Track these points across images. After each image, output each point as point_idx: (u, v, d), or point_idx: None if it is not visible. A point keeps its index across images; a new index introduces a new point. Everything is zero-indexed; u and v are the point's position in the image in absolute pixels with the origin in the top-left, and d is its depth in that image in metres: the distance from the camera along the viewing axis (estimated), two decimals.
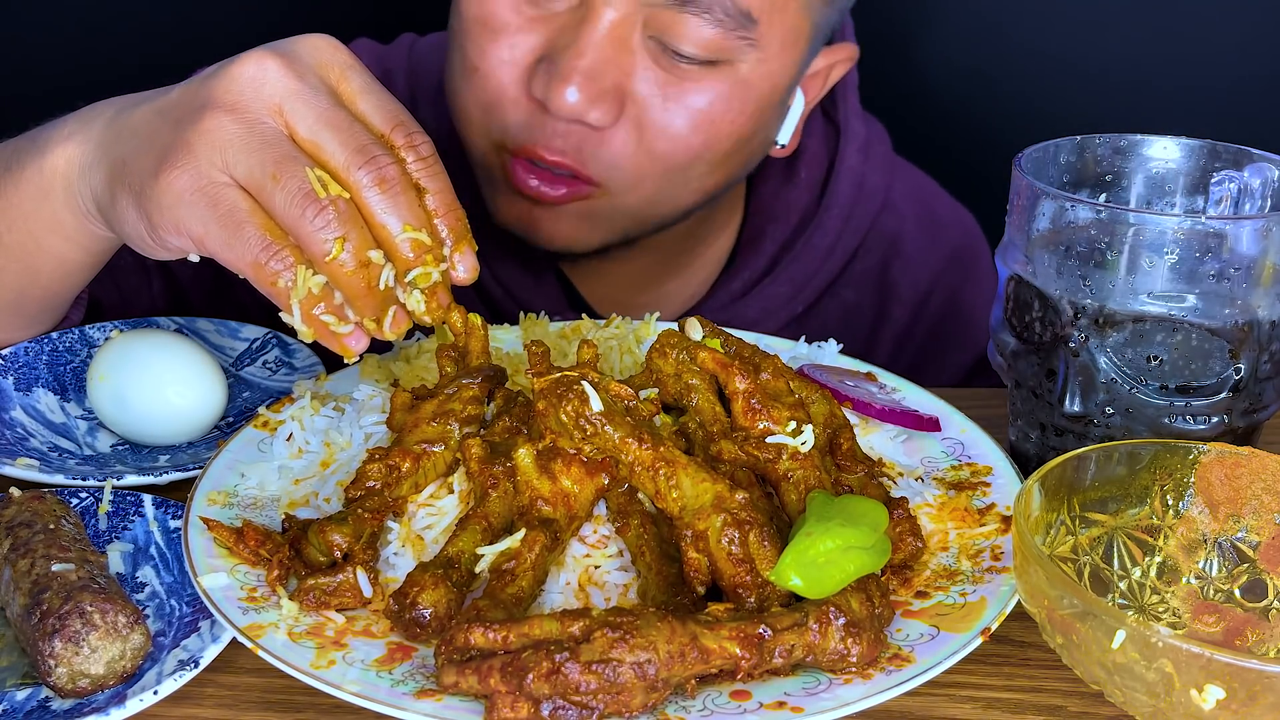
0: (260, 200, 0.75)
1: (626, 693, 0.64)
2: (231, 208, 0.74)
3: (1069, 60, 1.66)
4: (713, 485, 0.74)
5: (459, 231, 0.79)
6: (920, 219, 1.36)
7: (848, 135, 1.30)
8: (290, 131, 0.76)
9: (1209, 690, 0.62)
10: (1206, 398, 0.84)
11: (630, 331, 1.02)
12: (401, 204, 0.75)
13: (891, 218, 1.33)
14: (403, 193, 0.76)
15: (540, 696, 0.63)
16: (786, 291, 1.29)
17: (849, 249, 1.30)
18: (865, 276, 1.34)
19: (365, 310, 0.76)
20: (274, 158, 0.74)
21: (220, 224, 0.74)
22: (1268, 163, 0.89)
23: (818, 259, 1.29)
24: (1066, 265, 0.84)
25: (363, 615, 0.73)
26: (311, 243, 0.74)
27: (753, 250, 1.30)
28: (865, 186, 1.31)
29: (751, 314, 1.29)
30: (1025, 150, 0.90)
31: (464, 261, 0.79)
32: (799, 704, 0.66)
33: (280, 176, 0.74)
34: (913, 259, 1.34)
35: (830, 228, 1.29)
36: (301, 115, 0.76)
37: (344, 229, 0.74)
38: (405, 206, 0.76)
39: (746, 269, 1.30)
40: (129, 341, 0.97)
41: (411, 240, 0.76)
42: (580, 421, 0.76)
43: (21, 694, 0.72)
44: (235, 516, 0.81)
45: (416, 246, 0.76)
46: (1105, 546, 0.79)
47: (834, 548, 0.70)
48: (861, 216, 1.30)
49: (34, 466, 0.91)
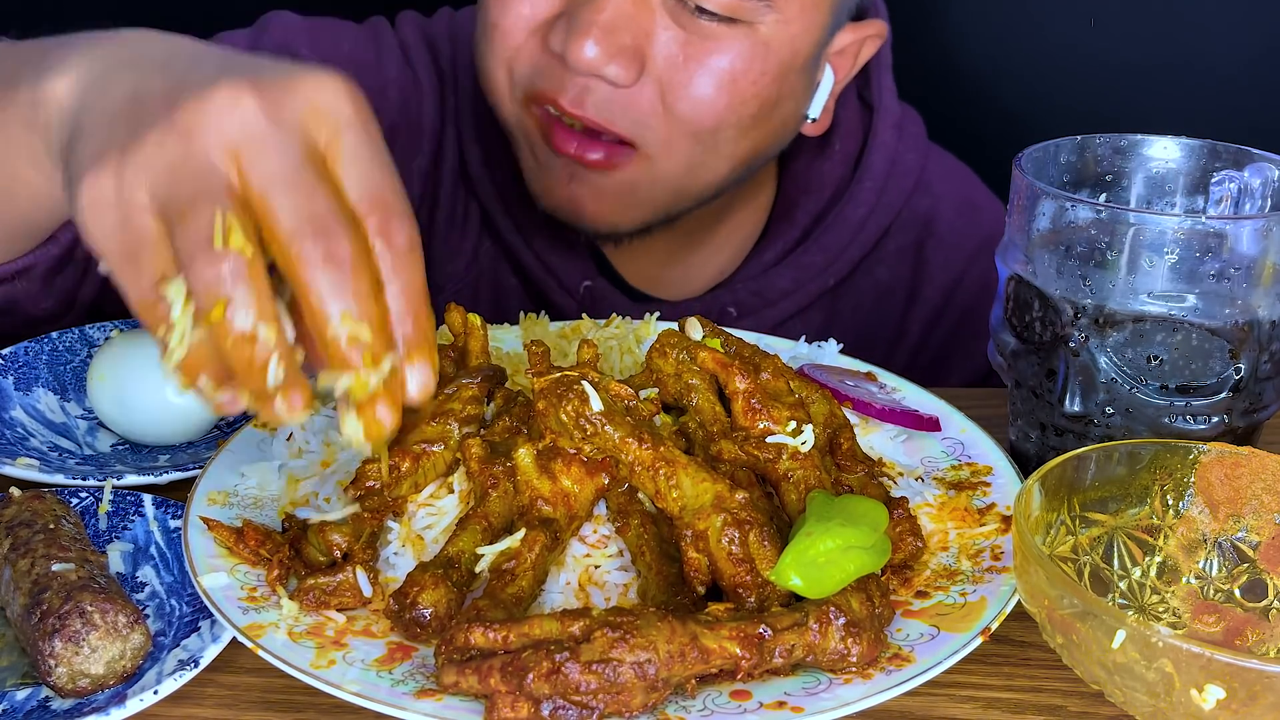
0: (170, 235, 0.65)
1: (626, 692, 0.64)
2: (137, 233, 0.65)
3: (1069, 60, 1.66)
4: (713, 485, 0.74)
5: (417, 339, 0.67)
6: (956, 201, 1.36)
7: (881, 112, 1.31)
8: (242, 179, 0.65)
9: (1209, 690, 0.62)
10: (1206, 398, 0.84)
11: (630, 331, 1.02)
12: (346, 289, 0.64)
13: (926, 198, 1.34)
14: (352, 277, 0.64)
15: (540, 696, 0.63)
16: (819, 262, 1.30)
17: (882, 224, 1.31)
18: (899, 255, 1.34)
19: (247, 384, 0.65)
20: (194, 192, 0.64)
21: (121, 246, 0.66)
22: (1268, 163, 0.89)
23: (850, 231, 1.30)
24: (1067, 265, 0.84)
25: (363, 615, 0.73)
26: (193, 293, 0.64)
27: (786, 220, 1.31)
28: (899, 163, 1.31)
29: (784, 283, 1.30)
30: (1025, 150, 0.90)
31: (416, 375, 0.67)
32: (799, 704, 0.66)
33: (188, 214, 0.64)
34: (947, 240, 1.34)
35: (864, 200, 1.29)
36: (257, 165, 0.65)
37: (231, 290, 0.63)
38: (351, 293, 0.64)
39: (780, 239, 1.31)
40: (129, 341, 0.97)
41: (349, 334, 0.64)
42: (580, 421, 0.76)
43: (21, 694, 0.72)
44: (235, 516, 0.81)
45: (352, 342, 0.64)
46: (1105, 546, 0.78)
47: (834, 547, 0.70)
48: (895, 193, 1.31)
49: (34, 466, 0.91)
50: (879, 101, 1.31)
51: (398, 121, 1.26)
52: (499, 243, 1.29)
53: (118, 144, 0.67)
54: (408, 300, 0.67)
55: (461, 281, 1.30)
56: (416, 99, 1.27)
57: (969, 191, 1.38)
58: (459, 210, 1.29)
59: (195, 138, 0.65)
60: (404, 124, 1.26)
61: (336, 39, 1.26)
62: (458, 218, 1.29)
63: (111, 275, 0.67)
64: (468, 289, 1.30)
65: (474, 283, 1.30)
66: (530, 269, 1.27)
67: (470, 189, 1.28)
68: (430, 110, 1.27)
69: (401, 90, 1.26)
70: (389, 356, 0.66)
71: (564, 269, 1.27)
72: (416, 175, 1.27)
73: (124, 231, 0.65)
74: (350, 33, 1.27)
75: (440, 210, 1.28)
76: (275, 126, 0.66)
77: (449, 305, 0.90)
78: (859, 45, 1.22)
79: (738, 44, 1.08)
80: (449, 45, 1.29)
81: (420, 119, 1.27)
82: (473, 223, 1.29)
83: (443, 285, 1.30)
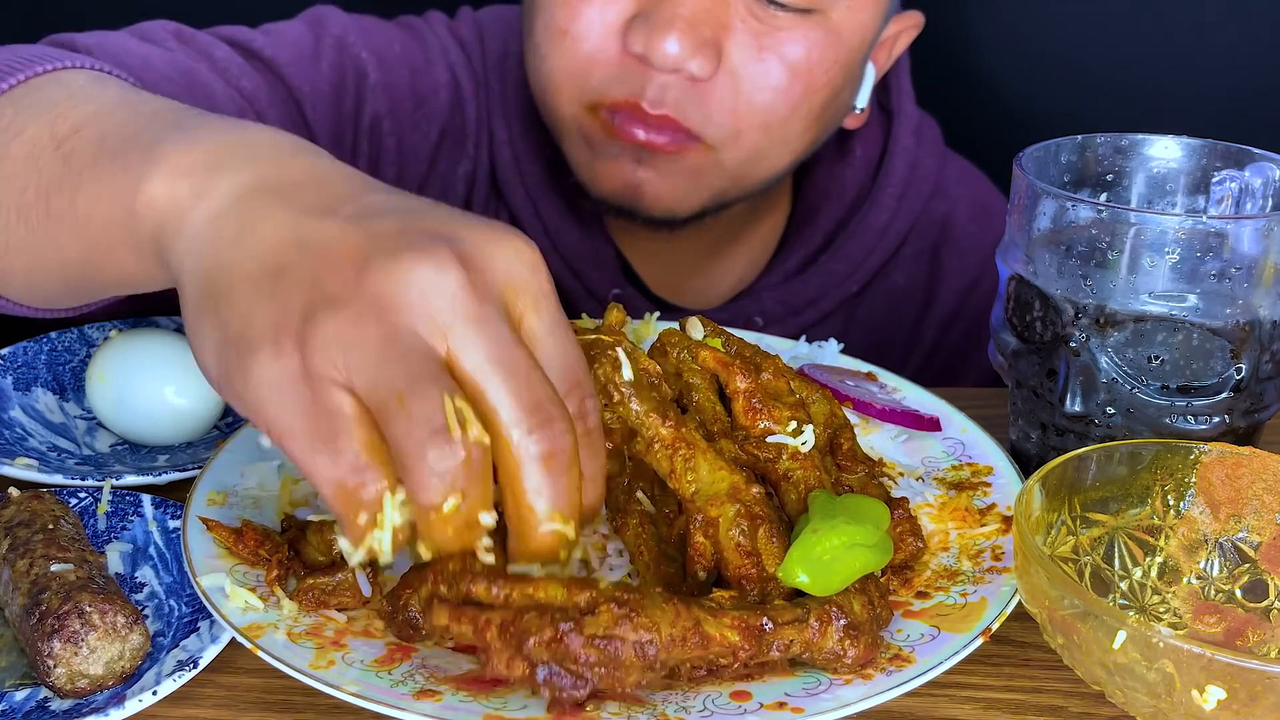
0: (376, 417, 0.59)
1: (623, 670, 0.63)
2: (336, 415, 0.59)
3: (1069, 60, 1.66)
4: (729, 475, 0.74)
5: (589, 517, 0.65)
6: (971, 205, 1.36)
7: (901, 117, 1.31)
8: (450, 360, 0.60)
9: (1210, 691, 0.62)
10: (1207, 398, 0.84)
11: (631, 330, 1.02)
12: (561, 488, 0.61)
13: (943, 202, 1.34)
14: (565, 473, 0.61)
15: (538, 661, 0.62)
16: (843, 269, 1.30)
17: (902, 230, 1.31)
18: (915, 260, 1.34)
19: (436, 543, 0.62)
20: (410, 375, 0.58)
21: (312, 426, 0.59)
22: (1269, 162, 0.89)
23: (873, 237, 1.30)
24: (1067, 265, 0.84)
25: (362, 615, 0.73)
26: (420, 487, 0.58)
27: (808, 227, 1.31)
28: (918, 169, 1.31)
29: (810, 291, 1.30)
30: (1026, 150, 0.90)
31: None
32: (799, 704, 0.66)
33: (410, 398, 0.58)
34: (962, 244, 1.35)
35: (885, 206, 1.29)
36: (473, 348, 0.59)
37: (467, 484, 0.59)
38: (564, 492, 0.61)
39: (802, 246, 1.31)
40: (128, 341, 0.97)
41: (554, 533, 0.61)
42: (608, 387, 0.75)
43: (20, 694, 0.72)
44: (235, 516, 0.80)
45: (558, 540, 0.62)
46: (1106, 547, 0.78)
47: (839, 545, 0.70)
48: (915, 198, 1.31)
49: (33, 466, 0.91)
50: (899, 107, 1.31)
51: (448, 125, 1.25)
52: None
53: (296, 311, 0.59)
54: (595, 486, 0.65)
55: None
56: (459, 102, 1.26)
57: (983, 195, 1.39)
58: (491, 213, 1.28)
59: (400, 313, 0.59)
60: (452, 129, 1.26)
61: (389, 40, 1.24)
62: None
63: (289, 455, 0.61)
64: None
65: None
66: (559, 275, 1.26)
67: (499, 194, 1.28)
68: (472, 114, 1.26)
69: (451, 93, 1.25)
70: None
71: (591, 276, 1.27)
72: (462, 180, 1.26)
73: (317, 413, 0.59)
74: (397, 34, 1.25)
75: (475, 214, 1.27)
76: (483, 305, 0.60)
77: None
78: (896, 37, 1.23)
79: (812, 33, 1.08)
80: (478, 47, 1.28)
81: (464, 123, 1.26)
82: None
83: None
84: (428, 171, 1.25)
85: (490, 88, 1.26)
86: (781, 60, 1.08)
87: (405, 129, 1.23)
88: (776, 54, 1.08)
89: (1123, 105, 1.64)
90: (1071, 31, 1.65)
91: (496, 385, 0.60)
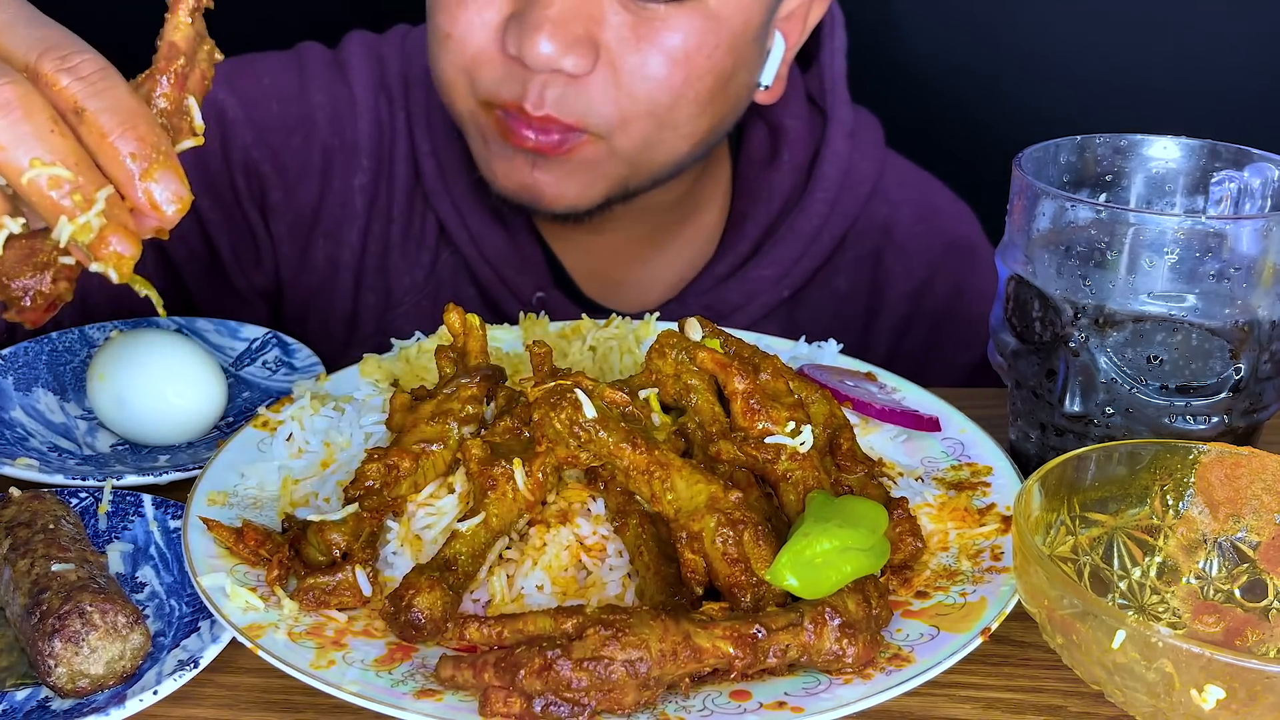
0: None
1: (618, 690, 0.64)
2: None
3: (1069, 60, 1.66)
4: (706, 486, 0.74)
5: (145, 151, 0.62)
6: (915, 206, 1.35)
7: (834, 122, 1.31)
8: None
9: (1209, 690, 0.62)
10: (1206, 398, 0.84)
11: (630, 332, 1.02)
12: (25, 132, 0.60)
13: (882, 205, 1.33)
14: (27, 118, 0.60)
15: (533, 692, 0.63)
16: (771, 275, 1.30)
17: (835, 235, 1.31)
18: (857, 264, 1.34)
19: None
20: None
21: None
22: (1268, 163, 0.89)
23: (801, 243, 1.30)
24: (1067, 265, 0.84)
25: (362, 615, 0.73)
26: None
27: (737, 233, 1.31)
28: (852, 173, 1.31)
29: (735, 298, 1.30)
30: (1025, 150, 0.90)
31: (163, 186, 0.63)
32: (799, 704, 0.66)
33: None
34: (907, 247, 1.34)
35: (814, 211, 1.29)
36: None
37: None
38: (33, 135, 0.60)
39: (731, 252, 1.31)
40: (129, 341, 0.97)
41: (48, 178, 0.60)
42: (575, 429, 0.76)
43: (21, 694, 0.72)
44: (235, 516, 0.81)
45: (54, 184, 0.60)
46: (1105, 546, 0.78)
47: (831, 548, 0.70)
48: (849, 202, 1.31)
49: (34, 466, 0.91)
50: (832, 111, 1.31)
51: (330, 142, 1.28)
52: (457, 254, 1.30)
53: None
54: (119, 117, 0.62)
55: (421, 293, 1.31)
56: (351, 117, 1.29)
57: (929, 195, 1.38)
58: (415, 223, 1.30)
59: None
60: (338, 144, 1.29)
61: (257, 75, 1.28)
62: (414, 230, 1.30)
63: None
64: (427, 300, 1.31)
65: (433, 294, 1.31)
66: (485, 280, 1.28)
67: (426, 202, 1.29)
68: (368, 127, 1.28)
69: (333, 110, 1.28)
70: (102, 192, 0.61)
71: (518, 281, 1.28)
72: (357, 192, 1.29)
73: None
74: (272, 64, 1.30)
75: (395, 224, 1.30)
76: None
77: (447, 305, 0.91)
78: (806, 8, 1.22)
79: (688, 21, 1.08)
80: (399, 62, 1.30)
81: (356, 137, 1.29)
82: (429, 235, 1.30)
83: (401, 298, 1.31)
84: (322, 187, 1.28)
85: (413, 98, 1.28)
86: (660, 50, 1.08)
87: (280, 153, 1.27)
88: (654, 44, 1.08)
89: (1122, 105, 1.65)
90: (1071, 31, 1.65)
91: None
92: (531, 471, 0.76)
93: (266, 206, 1.29)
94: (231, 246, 1.30)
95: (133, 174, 0.62)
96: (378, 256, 1.30)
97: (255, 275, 1.32)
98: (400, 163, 1.29)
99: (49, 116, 0.61)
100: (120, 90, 0.63)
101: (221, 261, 1.30)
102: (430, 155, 1.27)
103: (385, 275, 1.31)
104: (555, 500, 0.78)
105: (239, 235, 1.30)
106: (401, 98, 1.29)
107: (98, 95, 0.62)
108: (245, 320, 1.29)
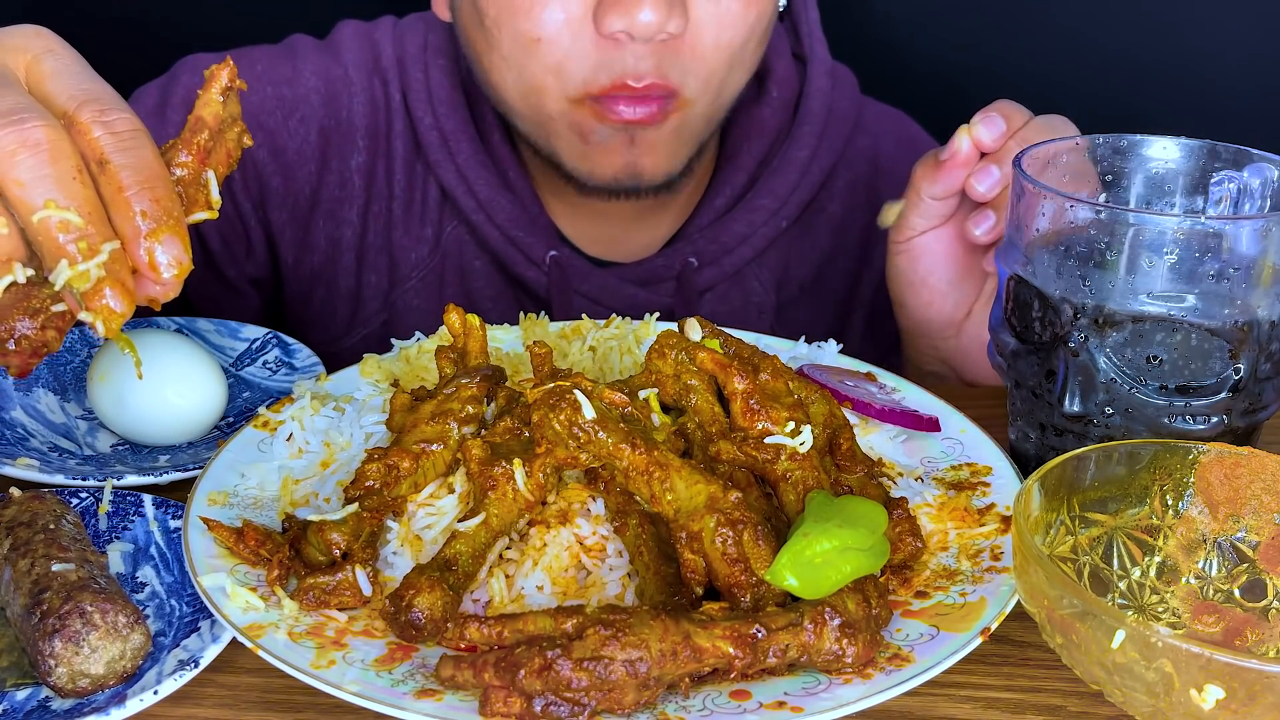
0: None
1: (618, 690, 0.64)
2: None
3: (1069, 60, 1.66)
4: (706, 486, 0.74)
5: (158, 213, 0.64)
6: (895, 138, 1.42)
7: (814, 61, 1.37)
8: None
9: (1209, 690, 0.62)
10: (1206, 398, 0.84)
11: (630, 332, 1.02)
12: (47, 174, 0.63)
13: (866, 138, 1.41)
14: (53, 161, 0.63)
15: (533, 692, 0.63)
16: (770, 204, 1.34)
17: (825, 167, 1.36)
18: (851, 189, 1.40)
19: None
20: None
21: None
22: (1267, 163, 0.89)
23: (796, 171, 1.35)
24: (1066, 265, 0.84)
25: (363, 615, 0.74)
26: None
27: (732, 166, 1.36)
28: (835, 109, 1.37)
29: (739, 228, 1.34)
30: (1025, 150, 0.90)
31: (166, 249, 0.64)
32: (799, 704, 0.66)
33: None
34: (896, 171, 1.39)
35: (805, 142, 1.35)
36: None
37: None
38: (54, 179, 0.63)
39: (727, 185, 1.35)
40: None
41: (58, 221, 0.61)
42: (574, 430, 0.76)
43: (21, 694, 0.72)
44: (235, 516, 0.81)
45: (62, 227, 0.62)
46: (1105, 546, 0.79)
47: (831, 548, 0.70)
48: (835, 135, 1.37)
49: (34, 466, 0.91)
50: (811, 52, 1.37)
51: (326, 123, 1.31)
52: (463, 223, 1.32)
53: None
54: (140, 175, 0.65)
55: (427, 268, 1.33)
56: (347, 97, 1.31)
57: (906, 130, 1.45)
58: (416, 197, 1.32)
59: None
60: (334, 124, 1.31)
61: (250, 62, 1.31)
62: (415, 205, 1.32)
63: None
64: (433, 275, 1.34)
65: (439, 268, 1.33)
66: (495, 246, 1.30)
67: (428, 177, 1.32)
68: (363, 107, 1.31)
69: (328, 90, 1.31)
70: (108, 244, 0.63)
71: (528, 242, 1.30)
72: (355, 173, 1.32)
73: None
74: (263, 55, 1.32)
75: (396, 200, 1.32)
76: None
77: (448, 306, 0.91)
78: None
79: None
80: (392, 45, 1.33)
81: (352, 117, 1.31)
82: (431, 208, 1.32)
83: (408, 274, 1.33)
84: (320, 169, 1.31)
85: (410, 77, 1.31)
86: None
87: (276, 135, 1.30)
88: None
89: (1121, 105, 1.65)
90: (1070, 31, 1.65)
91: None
92: (531, 472, 0.76)
93: (264, 195, 1.31)
94: (221, 238, 1.32)
95: (140, 231, 0.64)
96: (380, 235, 1.33)
97: (246, 265, 1.35)
98: (398, 140, 1.31)
99: (74, 165, 0.64)
100: (147, 151, 0.66)
101: (210, 252, 1.31)
102: (433, 128, 1.30)
103: (389, 252, 1.33)
104: (555, 500, 0.78)
105: (228, 226, 1.32)
106: (397, 78, 1.31)
107: (125, 151, 0.65)
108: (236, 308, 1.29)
